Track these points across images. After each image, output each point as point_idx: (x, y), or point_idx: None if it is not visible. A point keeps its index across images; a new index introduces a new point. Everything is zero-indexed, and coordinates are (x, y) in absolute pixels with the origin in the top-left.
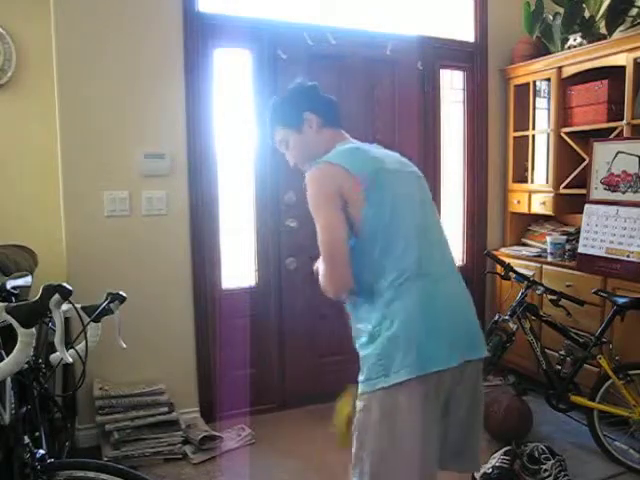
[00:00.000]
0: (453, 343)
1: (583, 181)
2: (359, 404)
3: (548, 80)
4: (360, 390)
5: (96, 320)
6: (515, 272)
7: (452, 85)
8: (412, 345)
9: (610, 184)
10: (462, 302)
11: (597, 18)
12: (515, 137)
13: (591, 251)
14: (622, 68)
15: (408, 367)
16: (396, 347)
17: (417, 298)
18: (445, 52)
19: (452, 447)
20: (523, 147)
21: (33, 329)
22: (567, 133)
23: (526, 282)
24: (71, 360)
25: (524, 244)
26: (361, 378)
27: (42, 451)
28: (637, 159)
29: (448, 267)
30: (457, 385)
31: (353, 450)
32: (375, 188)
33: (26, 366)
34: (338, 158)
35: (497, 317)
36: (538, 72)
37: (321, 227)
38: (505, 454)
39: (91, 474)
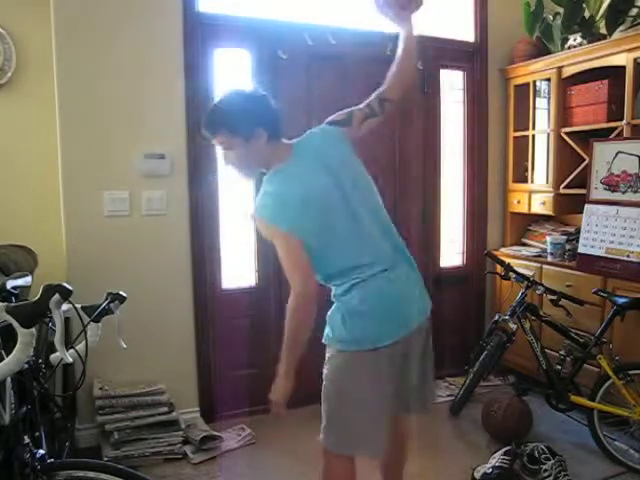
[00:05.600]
0: (406, 319)
1: (583, 181)
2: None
3: (548, 80)
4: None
5: (96, 320)
6: (515, 272)
7: (452, 85)
8: (370, 325)
9: (610, 184)
10: (409, 284)
11: (597, 18)
12: (515, 137)
13: (591, 251)
14: (622, 68)
15: (365, 340)
16: (361, 325)
17: (372, 292)
18: (445, 52)
19: (412, 391)
20: (523, 147)
21: (33, 329)
22: (567, 133)
23: (526, 282)
24: (71, 360)
25: (524, 244)
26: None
27: (42, 451)
28: (637, 159)
29: (395, 254)
30: (413, 342)
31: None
32: (312, 235)
33: (26, 366)
34: (277, 216)
35: (497, 317)
36: (538, 72)
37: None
38: (505, 454)
39: (91, 474)
